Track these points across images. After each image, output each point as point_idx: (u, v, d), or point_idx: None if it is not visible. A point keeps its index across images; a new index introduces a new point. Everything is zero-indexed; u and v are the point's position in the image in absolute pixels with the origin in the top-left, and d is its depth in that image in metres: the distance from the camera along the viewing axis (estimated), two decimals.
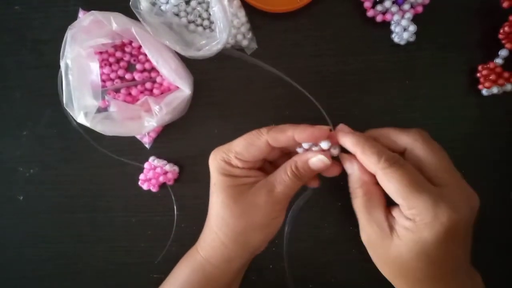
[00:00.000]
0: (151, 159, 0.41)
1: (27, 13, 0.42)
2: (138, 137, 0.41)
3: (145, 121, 0.38)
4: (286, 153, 0.35)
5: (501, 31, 0.38)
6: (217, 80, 0.41)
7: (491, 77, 0.38)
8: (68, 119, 0.39)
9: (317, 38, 0.41)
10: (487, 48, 0.39)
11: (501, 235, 0.40)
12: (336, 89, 0.41)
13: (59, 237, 0.43)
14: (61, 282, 0.44)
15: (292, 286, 0.42)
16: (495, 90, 0.38)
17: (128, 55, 0.41)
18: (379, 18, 0.39)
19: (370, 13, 0.39)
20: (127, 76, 0.41)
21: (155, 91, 0.41)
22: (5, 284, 0.44)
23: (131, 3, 0.37)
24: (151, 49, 0.37)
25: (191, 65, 0.40)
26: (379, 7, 0.39)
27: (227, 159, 0.32)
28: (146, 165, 0.41)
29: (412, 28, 0.38)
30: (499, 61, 0.38)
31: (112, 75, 0.41)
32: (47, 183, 0.43)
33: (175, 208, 0.42)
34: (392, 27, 0.39)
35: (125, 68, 0.41)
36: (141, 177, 0.41)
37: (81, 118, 0.36)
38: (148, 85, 0.41)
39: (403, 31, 0.38)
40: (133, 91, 0.41)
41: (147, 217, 0.42)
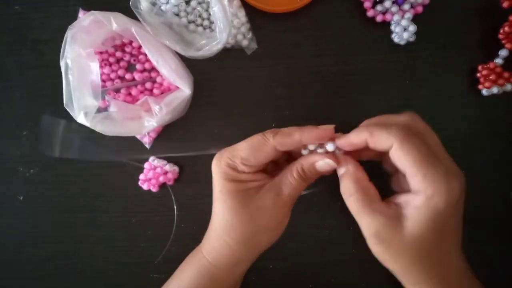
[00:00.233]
0: (151, 159, 0.41)
1: (27, 13, 0.42)
2: (138, 137, 0.41)
3: (145, 121, 0.38)
4: (287, 152, 0.35)
5: (501, 31, 0.38)
6: (217, 80, 0.41)
7: (491, 77, 0.38)
8: (68, 119, 0.39)
9: (317, 38, 0.41)
10: (487, 48, 0.39)
11: (501, 235, 0.40)
12: (336, 89, 0.41)
13: (59, 237, 0.43)
14: (61, 282, 0.44)
15: (292, 286, 0.42)
16: (495, 90, 0.38)
17: (128, 55, 0.41)
18: (379, 18, 0.39)
19: (370, 13, 0.39)
20: (127, 76, 0.41)
21: (155, 91, 0.41)
22: (5, 284, 0.44)
23: (131, 3, 0.37)
24: (151, 49, 0.37)
25: (191, 65, 0.41)
26: (379, 7, 0.39)
27: (233, 165, 0.31)
28: (146, 165, 0.41)
29: (412, 28, 0.38)
30: (499, 61, 0.38)
31: (112, 75, 0.41)
32: (47, 183, 0.43)
33: (175, 208, 0.42)
34: (392, 27, 0.39)
35: (125, 68, 0.41)
36: (141, 177, 0.41)
37: (81, 118, 0.36)
38: (148, 85, 0.41)
39: (403, 31, 0.38)
40: (133, 91, 0.41)
41: (147, 217, 0.42)
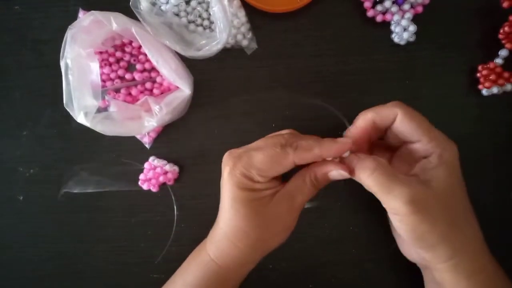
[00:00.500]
0: (151, 159, 0.41)
1: (27, 13, 0.42)
2: (138, 137, 0.41)
3: (145, 121, 0.38)
4: None
5: (501, 31, 0.38)
6: (217, 80, 0.41)
7: (491, 77, 0.38)
8: (68, 119, 0.39)
9: (317, 38, 0.41)
10: (487, 48, 0.39)
11: (501, 235, 0.40)
12: (336, 89, 0.41)
13: (59, 237, 0.43)
14: (61, 282, 0.44)
15: (292, 286, 0.42)
16: (495, 90, 0.38)
17: (128, 55, 0.41)
18: (379, 18, 0.39)
19: (370, 13, 0.39)
20: (127, 76, 0.41)
21: (155, 91, 0.41)
22: (5, 284, 0.44)
23: (131, 3, 0.37)
24: (151, 49, 0.37)
25: (191, 65, 0.40)
26: (379, 7, 0.39)
27: (249, 175, 0.31)
28: (146, 165, 0.41)
29: (412, 28, 0.38)
30: (499, 61, 0.38)
31: (112, 75, 0.41)
32: (47, 183, 0.43)
33: (175, 208, 0.42)
34: (392, 27, 0.39)
35: (125, 68, 0.41)
36: (141, 177, 0.41)
37: (81, 118, 0.36)
38: (148, 85, 0.41)
39: (403, 31, 0.38)
40: (133, 91, 0.41)
41: (147, 217, 0.42)
